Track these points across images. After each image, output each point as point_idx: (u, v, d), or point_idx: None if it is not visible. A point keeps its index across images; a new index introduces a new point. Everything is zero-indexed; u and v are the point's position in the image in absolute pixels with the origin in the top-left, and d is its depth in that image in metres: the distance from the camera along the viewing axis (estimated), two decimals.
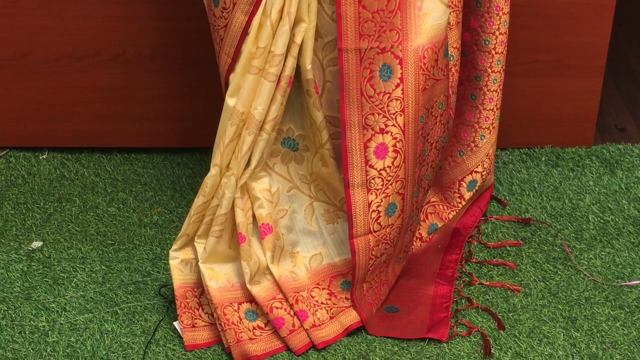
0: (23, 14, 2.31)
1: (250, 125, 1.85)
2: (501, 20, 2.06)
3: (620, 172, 2.39)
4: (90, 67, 2.36)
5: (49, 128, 2.45)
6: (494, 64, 2.11)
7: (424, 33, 1.79)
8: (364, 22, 1.75)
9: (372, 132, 1.82)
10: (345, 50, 1.77)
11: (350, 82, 1.79)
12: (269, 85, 1.82)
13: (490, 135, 2.18)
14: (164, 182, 2.39)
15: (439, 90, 1.87)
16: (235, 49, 1.84)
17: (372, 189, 1.84)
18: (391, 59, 1.78)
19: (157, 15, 2.31)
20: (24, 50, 2.35)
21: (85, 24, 2.32)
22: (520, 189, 2.35)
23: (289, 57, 1.81)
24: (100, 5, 2.30)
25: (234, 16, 1.81)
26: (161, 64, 2.36)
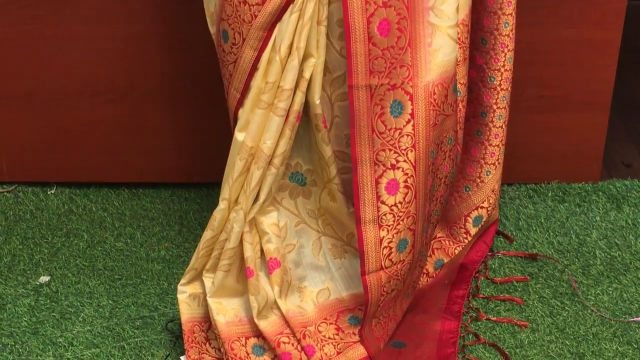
0: (32, 51, 2.33)
1: (259, 159, 1.86)
2: (506, 57, 2.07)
3: (627, 208, 2.40)
4: (99, 103, 2.38)
5: (57, 163, 2.46)
6: (500, 101, 2.12)
7: (434, 69, 1.80)
8: (375, 59, 1.76)
9: (384, 168, 1.82)
10: (356, 87, 1.78)
11: (362, 118, 1.79)
12: (278, 120, 1.83)
13: (495, 171, 2.19)
14: (171, 217, 2.39)
15: (449, 125, 1.88)
16: (244, 84, 1.85)
17: (383, 225, 1.84)
18: (402, 95, 1.79)
19: (165, 51, 2.33)
20: (33, 86, 2.37)
21: (94, 61, 2.34)
22: (527, 225, 2.35)
23: (298, 92, 1.82)
24: (109, 42, 2.32)
25: (243, 52, 1.82)
26: (170, 100, 2.38)
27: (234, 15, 1.80)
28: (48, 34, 2.30)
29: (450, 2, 1.78)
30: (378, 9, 1.73)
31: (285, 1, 1.76)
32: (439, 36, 1.79)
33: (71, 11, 2.28)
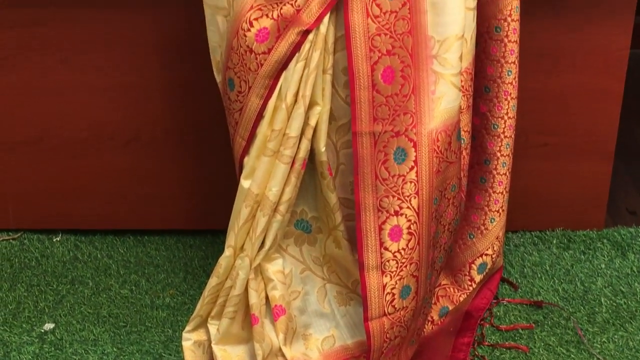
0: (38, 99, 2.35)
1: (265, 206, 1.87)
2: (509, 104, 2.09)
3: (632, 255, 2.40)
4: (104, 151, 2.39)
5: (63, 210, 2.46)
6: (503, 148, 2.13)
7: (438, 116, 1.82)
8: (378, 106, 1.77)
9: (387, 214, 1.83)
10: (359, 134, 1.79)
11: (365, 165, 1.80)
12: (284, 167, 1.84)
13: (500, 218, 2.19)
14: (176, 264, 2.40)
15: (452, 172, 1.89)
16: (250, 132, 1.86)
17: (386, 271, 1.84)
18: (405, 142, 1.80)
19: (171, 99, 2.34)
20: (39, 134, 2.38)
21: (100, 109, 2.35)
22: (532, 272, 2.35)
23: (304, 140, 1.84)
24: (115, 90, 2.33)
25: (249, 100, 1.83)
26: (175, 147, 2.39)
27: (240, 64, 1.81)
28: (55, 82, 2.32)
29: (453, 50, 1.80)
30: (382, 57, 1.75)
31: (291, 50, 1.78)
32: (443, 84, 1.81)
33: (78, 60, 2.30)
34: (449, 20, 1.77)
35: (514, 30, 1.98)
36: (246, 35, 1.78)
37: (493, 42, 2.01)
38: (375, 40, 1.74)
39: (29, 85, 2.33)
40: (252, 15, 1.76)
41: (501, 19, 1.97)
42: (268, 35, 1.77)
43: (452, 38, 1.79)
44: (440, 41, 1.78)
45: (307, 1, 1.74)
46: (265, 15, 1.76)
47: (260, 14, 1.76)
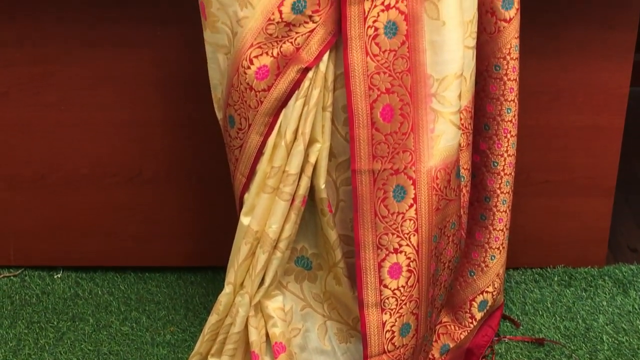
0: (40, 136, 2.36)
1: (265, 243, 1.87)
2: (509, 142, 2.09)
3: (633, 293, 2.39)
4: (106, 188, 2.40)
5: (64, 247, 2.47)
6: (503, 185, 2.13)
7: (437, 154, 1.82)
8: (378, 144, 1.78)
9: (386, 252, 1.83)
10: (358, 172, 1.80)
11: (364, 202, 1.81)
12: (283, 204, 1.85)
13: (500, 255, 2.19)
14: (177, 301, 2.39)
15: (452, 210, 1.89)
16: (250, 168, 1.87)
17: (386, 308, 1.84)
18: (404, 180, 1.81)
19: (173, 136, 2.35)
20: (40, 171, 2.39)
21: (101, 146, 2.36)
22: (533, 309, 2.35)
23: (303, 177, 1.84)
24: (116, 127, 2.34)
25: (249, 137, 1.84)
26: (177, 184, 2.40)
27: (240, 101, 1.82)
28: (56, 119, 2.33)
29: (452, 89, 1.80)
30: (381, 95, 1.75)
31: (290, 87, 1.79)
32: (442, 122, 1.81)
33: (79, 98, 2.31)
34: (447, 58, 1.78)
35: (513, 69, 1.99)
36: (246, 72, 1.79)
37: (492, 80, 2.02)
38: (374, 79, 1.75)
39: (31, 122, 2.34)
40: (252, 53, 1.77)
41: (500, 58, 1.98)
42: (268, 73, 1.78)
43: (451, 76, 1.80)
44: (439, 79, 1.79)
45: (307, 39, 1.76)
46: (265, 53, 1.77)
47: (260, 51, 1.77)
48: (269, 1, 1.73)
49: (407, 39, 1.74)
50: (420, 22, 1.75)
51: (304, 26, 1.75)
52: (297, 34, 1.76)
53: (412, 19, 1.74)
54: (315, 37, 1.76)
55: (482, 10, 1.93)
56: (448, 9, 1.75)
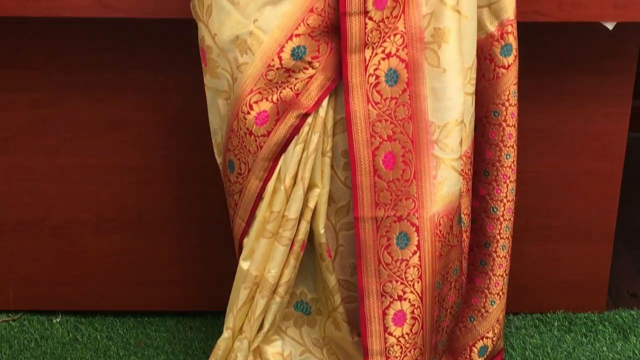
0: (40, 180, 2.36)
1: (264, 288, 1.87)
2: (508, 188, 2.09)
3: (633, 338, 2.38)
4: (106, 232, 2.40)
5: (63, 291, 2.46)
6: (503, 231, 2.13)
7: (439, 201, 1.83)
8: (380, 192, 1.79)
9: (391, 299, 1.83)
10: (362, 219, 1.80)
11: (368, 250, 1.81)
12: (283, 249, 1.85)
13: (500, 300, 2.19)
14: (176, 346, 2.38)
15: (454, 256, 1.89)
16: (249, 213, 1.87)
17: (390, 356, 1.83)
18: (408, 227, 1.81)
19: (173, 181, 2.36)
20: (40, 215, 2.39)
21: (101, 190, 2.36)
22: (533, 355, 2.34)
23: (303, 222, 1.84)
24: (116, 172, 2.35)
25: (249, 181, 1.85)
26: (176, 229, 2.40)
27: (240, 146, 1.83)
28: (57, 164, 2.34)
29: (454, 135, 1.81)
30: (383, 143, 1.76)
31: (290, 133, 1.79)
32: (444, 169, 1.82)
33: (82, 142, 2.32)
34: (449, 105, 1.80)
35: (512, 115, 2.00)
36: (246, 118, 1.80)
37: (491, 126, 2.02)
38: (376, 126, 1.76)
39: (31, 167, 2.34)
40: (252, 98, 1.78)
41: (499, 104, 1.99)
42: (267, 118, 1.79)
43: (453, 123, 1.81)
44: (441, 126, 1.80)
45: (306, 85, 1.77)
46: (264, 98, 1.78)
47: (260, 97, 1.78)
48: (269, 47, 1.75)
49: (408, 86, 1.76)
50: (421, 69, 1.76)
51: (303, 72, 1.76)
52: (296, 80, 1.77)
53: (413, 66, 1.75)
54: (315, 83, 1.77)
55: (481, 57, 1.95)
56: (448, 56, 1.77)
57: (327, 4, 1.72)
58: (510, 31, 1.92)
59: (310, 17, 1.72)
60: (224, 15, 1.76)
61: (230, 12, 1.75)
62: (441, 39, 1.75)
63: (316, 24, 1.73)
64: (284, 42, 1.74)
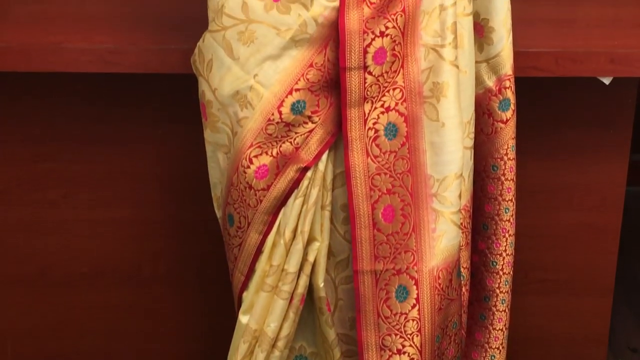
0: (41, 233, 2.36)
1: (263, 342, 1.86)
2: (507, 241, 2.10)
3: None
4: (105, 286, 2.39)
5: (62, 347, 2.45)
6: (502, 285, 2.13)
7: (439, 254, 1.83)
8: (379, 245, 1.79)
9: (390, 353, 1.82)
10: (361, 272, 1.80)
11: (367, 303, 1.81)
12: (282, 303, 1.84)
13: (500, 355, 2.18)
14: None
15: (454, 310, 1.89)
16: (249, 267, 1.87)
17: None
18: (407, 280, 1.81)
19: (172, 234, 2.36)
20: (39, 270, 2.39)
21: (101, 243, 2.37)
22: None
23: (302, 275, 1.84)
24: (116, 225, 2.35)
25: (249, 235, 1.85)
26: (176, 283, 2.39)
27: (240, 200, 1.84)
28: (56, 217, 2.34)
29: (452, 189, 1.82)
30: (382, 196, 1.77)
31: (289, 186, 1.80)
32: (443, 222, 1.82)
33: (82, 196, 2.33)
34: (448, 159, 1.80)
35: (510, 169, 2.01)
36: (246, 172, 1.80)
37: (490, 180, 2.03)
38: (375, 180, 1.76)
39: (31, 220, 2.35)
40: (251, 152, 1.79)
41: (498, 158, 2.00)
42: (267, 172, 1.80)
43: (452, 177, 1.81)
44: (440, 180, 1.81)
45: (306, 139, 1.78)
46: (264, 152, 1.79)
47: (259, 151, 1.79)
48: (269, 102, 1.76)
49: (407, 140, 1.77)
50: (420, 123, 1.77)
51: (303, 126, 1.77)
52: (296, 134, 1.78)
53: (412, 120, 1.76)
54: (315, 137, 1.78)
55: (479, 112, 1.96)
56: (447, 110, 1.78)
57: (326, 59, 1.73)
58: (508, 86, 1.94)
59: (310, 72, 1.74)
60: (225, 70, 1.78)
61: (231, 67, 1.77)
62: (440, 93, 1.77)
63: (316, 79, 1.74)
64: (284, 97, 1.75)
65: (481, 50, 1.92)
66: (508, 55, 1.92)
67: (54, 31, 2.13)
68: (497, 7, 1.88)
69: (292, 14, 1.72)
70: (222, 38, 1.76)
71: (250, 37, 1.74)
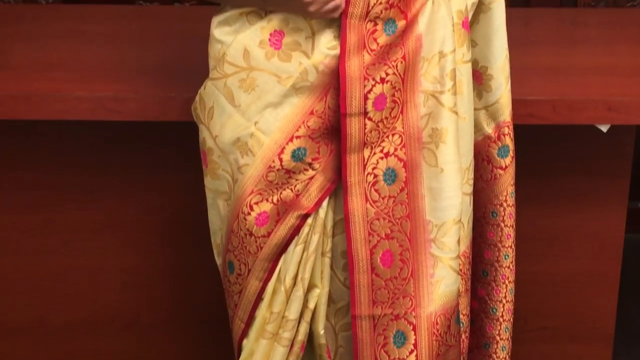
0: (40, 281, 2.36)
1: None
2: (507, 288, 2.10)
3: None
4: (105, 334, 2.39)
5: None
6: (502, 332, 2.13)
7: (437, 300, 1.83)
8: (378, 290, 1.79)
9: None
10: (359, 317, 1.80)
11: (365, 348, 1.81)
12: (282, 350, 1.84)
13: None
14: None
15: (452, 356, 1.88)
16: (249, 314, 1.86)
17: None
18: (405, 325, 1.81)
19: (172, 282, 2.36)
20: (38, 317, 2.38)
21: (100, 291, 2.36)
22: None
23: (302, 322, 1.84)
24: (116, 272, 2.35)
25: (249, 282, 1.85)
26: (176, 330, 2.39)
27: (240, 247, 1.84)
28: (56, 264, 2.34)
29: (451, 234, 1.82)
30: (381, 241, 1.77)
31: (290, 233, 1.80)
32: (441, 267, 1.83)
33: (81, 243, 2.33)
34: (446, 204, 1.81)
35: (509, 215, 2.01)
36: (246, 218, 1.81)
37: (490, 226, 2.03)
38: (374, 225, 1.77)
39: (30, 268, 2.35)
40: (252, 199, 1.80)
41: (497, 204, 2.00)
42: (268, 219, 1.80)
43: (450, 222, 1.82)
44: (438, 225, 1.81)
45: (307, 186, 1.78)
46: (265, 199, 1.80)
47: (260, 198, 1.80)
48: (270, 149, 1.77)
49: (406, 185, 1.77)
50: (419, 169, 1.78)
51: (303, 173, 1.78)
52: (296, 181, 1.79)
53: (411, 166, 1.77)
54: (315, 184, 1.79)
55: (478, 158, 1.97)
56: (446, 156, 1.79)
57: (327, 106, 1.75)
58: (507, 133, 1.95)
59: (310, 119, 1.75)
60: (226, 117, 1.79)
61: (232, 114, 1.78)
62: (439, 139, 1.78)
63: (316, 126, 1.75)
64: (285, 144, 1.76)
65: (480, 97, 1.93)
66: (507, 102, 1.93)
67: (55, 79, 2.15)
68: (496, 55, 1.90)
69: (293, 62, 1.73)
70: (224, 85, 1.77)
71: (251, 84, 1.75)
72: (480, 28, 1.90)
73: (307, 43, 1.73)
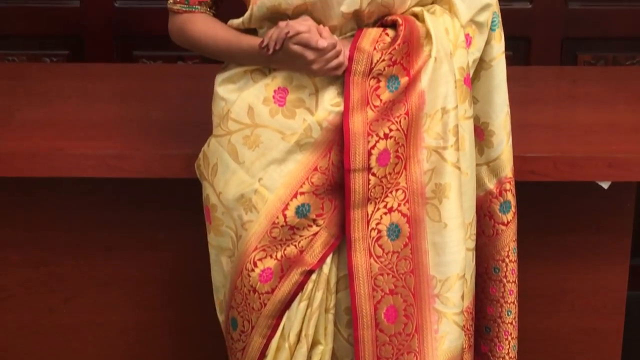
0: (44, 338, 2.36)
1: None
2: (510, 345, 2.09)
3: None
4: None
5: None
6: None
7: (441, 356, 1.82)
8: (382, 345, 1.78)
9: None
10: None
11: None
12: None
13: None
14: None
15: None
16: None
17: None
18: None
19: (174, 339, 2.35)
20: None
21: (102, 347, 2.36)
22: None
23: None
24: (118, 329, 2.35)
25: (252, 339, 1.84)
26: None
27: (244, 304, 1.84)
28: (58, 321, 2.34)
29: (455, 289, 1.82)
30: (385, 297, 1.77)
31: (294, 290, 1.80)
32: (445, 323, 1.82)
33: (82, 300, 2.33)
34: (450, 259, 1.81)
35: (512, 271, 2.01)
36: (250, 275, 1.81)
37: (492, 282, 2.03)
38: (378, 280, 1.77)
39: (34, 325, 2.34)
40: (256, 255, 1.80)
41: (499, 260, 2.00)
42: (272, 276, 1.80)
43: (454, 277, 1.82)
44: (442, 280, 1.81)
45: (310, 242, 1.79)
46: (269, 255, 1.80)
47: (264, 254, 1.80)
48: (274, 205, 1.77)
49: (410, 240, 1.78)
50: (422, 224, 1.78)
51: (307, 229, 1.79)
52: (300, 237, 1.79)
53: (414, 221, 1.78)
54: (319, 240, 1.79)
55: (480, 214, 1.98)
56: (449, 211, 1.79)
57: (331, 162, 1.76)
58: (509, 189, 1.96)
59: (314, 176, 1.76)
60: (230, 173, 1.80)
61: (236, 170, 1.79)
62: (442, 195, 1.79)
63: (320, 182, 1.76)
64: (289, 200, 1.77)
65: (481, 153, 1.94)
66: (508, 158, 1.94)
67: (58, 136, 2.16)
68: (497, 111, 1.92)
69: (297, 119, 1.75)
70: (228, 142, 1.79)
71: (255, 141, 1.76)
72: (481, 85, 1.92)
73: (311, 100, 1.75)
